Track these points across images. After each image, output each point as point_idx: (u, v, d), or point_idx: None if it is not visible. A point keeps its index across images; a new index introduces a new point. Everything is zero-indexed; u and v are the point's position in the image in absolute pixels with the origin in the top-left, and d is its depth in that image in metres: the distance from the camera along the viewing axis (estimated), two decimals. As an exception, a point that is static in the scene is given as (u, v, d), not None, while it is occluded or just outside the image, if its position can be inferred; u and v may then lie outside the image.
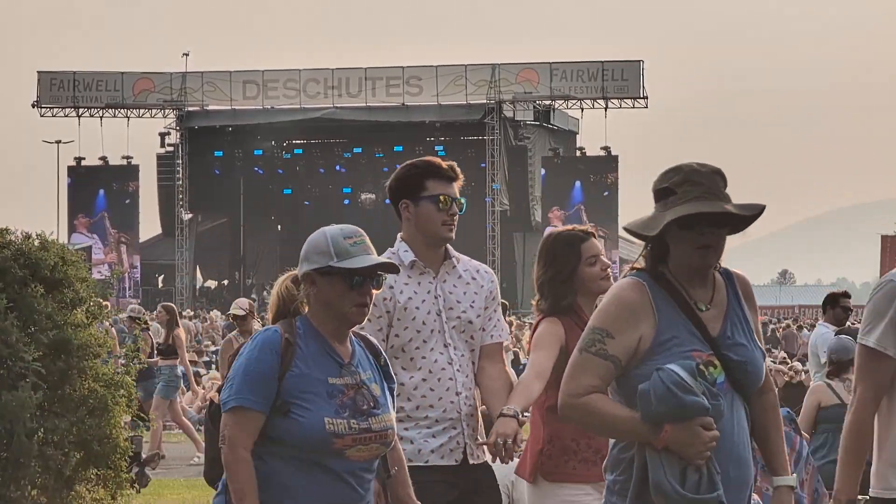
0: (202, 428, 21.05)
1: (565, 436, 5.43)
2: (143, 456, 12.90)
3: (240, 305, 13.03)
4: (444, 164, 5.32)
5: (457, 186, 5.33)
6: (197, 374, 25.04)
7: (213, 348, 31.68)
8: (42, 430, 8.09)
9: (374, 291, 4.17)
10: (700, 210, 3.89)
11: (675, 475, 3.83)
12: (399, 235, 5.40)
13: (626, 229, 4.06)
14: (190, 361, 27.39)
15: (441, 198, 5.25)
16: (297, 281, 4.21)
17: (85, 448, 8.47)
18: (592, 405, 3.92)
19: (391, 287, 5.18)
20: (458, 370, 5.28)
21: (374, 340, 4.39)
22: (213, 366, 27.22)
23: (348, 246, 4.11)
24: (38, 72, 52.78)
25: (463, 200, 5.35)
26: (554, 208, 51.29)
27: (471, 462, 5.28)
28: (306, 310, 4.19)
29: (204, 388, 22.98)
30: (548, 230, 5.78)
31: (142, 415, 11.61)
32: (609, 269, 5.64)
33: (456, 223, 5.33)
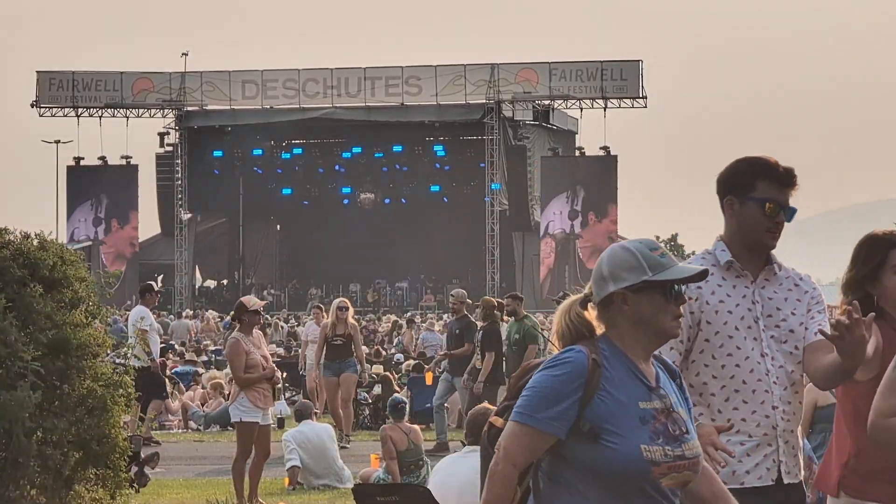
0: (201, 428, 21.06)
1: (874, 452, 4.93)
2: (142, 455, 12.89)
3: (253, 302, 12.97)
4: (782, 167, 4.89)
5: (791, 193, 4.90)
6: (196, 374, 25.04)
7: (212, 348, 31.68)
8: (41, 429, 8.09)
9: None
10: None
11: None
12: (718, 236, 5.03)
13: None
14: (189, 361, 27.45)
15: (768, 204, 4.85)
16: (584, 304, 4.00)
17: (84, 448, 8.47)
18: None
19: (699, 287, 4.77)
20: (774, 382, 4.85)
21: (669, 361, 4.14)
22: (212, 366, 27.21)
23: (658, 258, 3.93)
24: (36, 71, 52.71)
25: (794, 209, 4.92)
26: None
27: (785, 482, 4.90)
28: (599, 332, 3.99)
29: (203, 388, 22.98)
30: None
31: (142, 415, 11.57)
32: None
33: (780, 232, 4.91)
